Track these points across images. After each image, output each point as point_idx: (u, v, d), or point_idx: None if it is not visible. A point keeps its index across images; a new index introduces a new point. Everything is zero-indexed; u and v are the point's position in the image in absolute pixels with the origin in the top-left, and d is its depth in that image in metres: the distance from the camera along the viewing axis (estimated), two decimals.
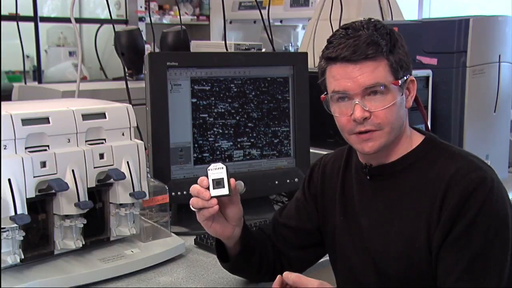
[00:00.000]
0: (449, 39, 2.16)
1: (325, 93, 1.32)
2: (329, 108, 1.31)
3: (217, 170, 1.30)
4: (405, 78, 1.29)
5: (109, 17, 2.30)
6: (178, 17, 3.27)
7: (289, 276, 1.23)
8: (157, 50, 2.86)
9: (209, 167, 1.31)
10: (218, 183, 1.30)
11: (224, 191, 1.30)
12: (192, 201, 1.32)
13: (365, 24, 1.28)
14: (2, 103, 1.42)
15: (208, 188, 1.30)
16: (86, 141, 1.48)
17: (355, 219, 1.37)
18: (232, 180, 1.32)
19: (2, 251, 1.32)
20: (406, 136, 1.33)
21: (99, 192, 1.54)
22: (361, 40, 1.24)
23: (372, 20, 1.30)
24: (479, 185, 1.21)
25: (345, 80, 1.26)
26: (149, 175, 1.74)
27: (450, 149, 1.32)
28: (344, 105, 1.28)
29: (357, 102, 1.25)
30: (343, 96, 1.27)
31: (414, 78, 1.32)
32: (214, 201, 1.30)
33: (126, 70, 2.36)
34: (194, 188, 1.32)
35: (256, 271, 1.46)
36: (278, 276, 1.24)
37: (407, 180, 1.30)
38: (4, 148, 1.34)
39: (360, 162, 1.38)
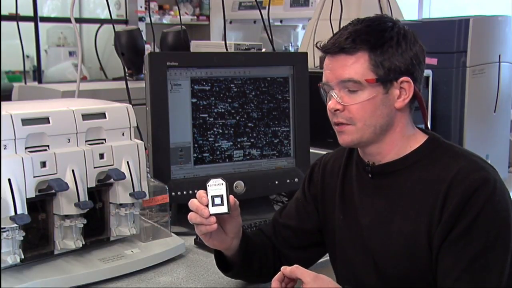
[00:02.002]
0: (449, 39, 2.16)
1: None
2: (324, 97, 1.34)
3: (216, 186, 1.29)
4: (391, 77, 1.26)
5: (109, 17, 2.30)
6: (178, 17, 3.27)
7: (287, 268, 1.25)
8: (157, 50, 2.86)
9: (209, 183, 1.29)
10: (217, 200, 1.28)
11: (223, 209, 1.28)
12: (191, 216, 1.31)
13: (367, 20, 1.29)
14: (2, 103, 1.42)
15: (207, 205, 1.29)
16: (86, 141, 1.48)
17: (355, 218, 1.37)
18: (231, 197, 1.31)
19: (2, 251, 1.32)
20: (402, 136, 1.32)
21: (99, 192, 1.54)
22: (344, 34, 1.27)
23: (384, 16, 1.32)
24: (482, 185, 1.20)
25: (327, 71, 1.30)
26: (149, 175, 1.74)
27: (453, 148, 1.32)
28: (328, 95, 1.31)
29: (332, 93, 1.29)
30: (327, 86, 1.31)
31: (409, 79, 1.29)
32: (213, 219, 1.29)
33: (126, 70, 2.36)
34: (193, 204, 1.31)
35: (257, 275, 1.47)
36: (279, 273, 1.26)
37: (409, 179, 1.29)
38: (4, 148, 1.34)
39: (362, 160, 1.37)
